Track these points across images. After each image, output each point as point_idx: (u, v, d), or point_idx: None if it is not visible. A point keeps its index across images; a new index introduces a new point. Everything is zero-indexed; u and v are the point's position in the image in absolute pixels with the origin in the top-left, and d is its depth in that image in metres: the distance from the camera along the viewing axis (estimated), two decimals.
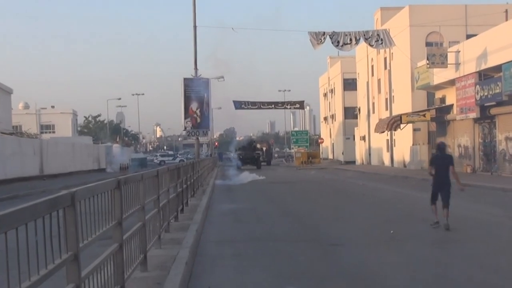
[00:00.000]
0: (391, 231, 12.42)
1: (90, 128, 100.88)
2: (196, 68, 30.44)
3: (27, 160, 38.39)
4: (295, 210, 18.47)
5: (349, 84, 69.33)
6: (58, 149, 44.89)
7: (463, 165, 37.26)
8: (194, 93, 30.19)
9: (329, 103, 78.86)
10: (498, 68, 31.83)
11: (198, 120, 29.95)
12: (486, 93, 33.33)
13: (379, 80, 54.84)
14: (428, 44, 43.11)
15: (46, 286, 3.75)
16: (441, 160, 13.18)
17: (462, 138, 38.22)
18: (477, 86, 34.11)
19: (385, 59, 52.54)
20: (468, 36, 40.09)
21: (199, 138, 30.92)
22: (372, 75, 56.93)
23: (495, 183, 26.17)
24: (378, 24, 53.09)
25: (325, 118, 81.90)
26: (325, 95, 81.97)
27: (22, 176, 36.54)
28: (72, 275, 4.36)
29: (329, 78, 78.46)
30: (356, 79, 64.03)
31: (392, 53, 49.79)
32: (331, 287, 7.86)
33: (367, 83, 58.32)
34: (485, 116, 34.31)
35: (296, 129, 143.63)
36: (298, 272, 8.60)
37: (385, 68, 52.39)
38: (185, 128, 30.14)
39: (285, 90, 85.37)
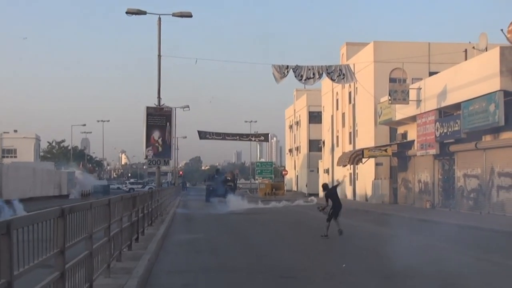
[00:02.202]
0: (343, 265, 12.47)
1: (54, 153, 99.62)
2: (159, 97, 30.43)
3: None
4: (252, 241, 18.48)
5: (315, 117, 69.97)
6: (18, 173, 44.23)
7: (423, 201, 37.75)
8: (156, 122, 30.17)
9: (295, 135, 79.42)
10: (457, 106, 32.54)
11: (160, 149, 29.90)
12: (445, 130, 33.99)
13: (343, 114, 55.48)
14: (392, 80, 43.85)
15: None
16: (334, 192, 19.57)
17: (422, 174, 38.75)
18: (437, 123, 34.77)
19: (349, 93, 53.26)
20: (431, 73, 40.93)
21: (159, 167, 30.81)
22: (337, 108, 57.59)
23: (449, 219, 26.53)
24: (344, 58, 53.91)
25: (290, 150, 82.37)
26: (290, 127, 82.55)
27: None
28: None
29: (295, 110, 79.12)
30: (321, 112, 64.66)
31: (356, 87, 50.50)
32: None
33: (332, 116, 58.93)
34: (445, 153, 34.91)
35: (262, 160, 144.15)
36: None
37: (350, 102, 53.08)
38: (146, 156, 30.07)
39: (251, 121, 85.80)
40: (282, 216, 31.43)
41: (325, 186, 21.31)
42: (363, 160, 41.64)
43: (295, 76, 33.00)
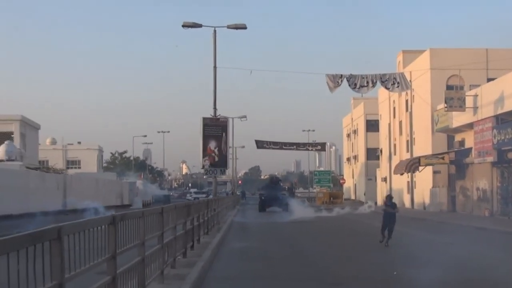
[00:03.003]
0: (394, 273, 12.66)
1: (116, 164, 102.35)
2: (215, 108, 31.19)
3: (50, 194, 39.28)
4: (305, 250, 18.73)
5: (372, 126, 69.68)
6: (81, 184, 45.83)
7: (481, 209, 37.21)
8: (213, 133, 30.92)
9: (352, 144, 79.21)
10: None
11: (216, 159, 30.59)
12: (503, 137, 33.46)
13: (400, 122, 55.15)
14: (448, 87, 43.44)
15: None
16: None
17: (480, 181, 38.20)
18: (494, 130, 34.28)
19: (406, 101, 52.94)
20: (489, 80, 40.30)
21: (216, 176, 31.52)
22: (394, 116, 57.28)
23: (506, 227, 26.21)
24: (401, 66, 53.66)
25: (348, 159, 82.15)
26: (348, 135, 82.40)
27: (45, 210, 37.36)
28: None
29: (352, 119, 79.00)
30: (378, 120, 64.38)
31: (413, 95, 50.20)
32: None
33: (389, 124, 58.64)
34: (503, 160, 34.36)
35: (322, 168, 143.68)
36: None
37: (407, 110, 52.75)
38: (203, 166, 30.82)
39: (309, 130, 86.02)
40: (338, 224, 31.58)
41: (388, 198, 21.23)
42: (420, 168, 41.35)
43: (349, 85, 33.22)
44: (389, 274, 12.54)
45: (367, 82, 33.33)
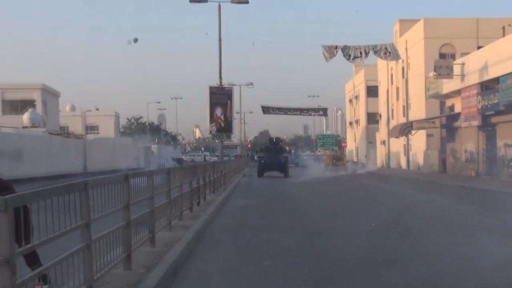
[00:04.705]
0: (373, 224, 14.19)
1: (132, 129, 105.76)
2: (220, 78, 34.25)
3: (71, 158, 42.65)
4: (301, 205, 20.62)
5: (372, 91, 72.36)
6: (100, 148, 49.18)
7: (468, 169, 40.31)
8: (219, 100, 34.06)
9: (354, 109, 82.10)
10: (497, 80, 34.87)
11: (222, 125, 33.72)
12: (486, 103, 36.32)
13: (397, 88, 57.97)
14: (441, 55, 46.13)
15: (66, 243, 5.54)
16: None
17: (468, 144, 41.20)
18: (479, 96, 37.10)
19: (402, 68, 55.66)
20: (479, 48, 42.95)
21: (222, 141, 34.77)
22: (392, 83, 60.08)
23: (484, 185, 29.29)
24: (397, 35, 56.19)
25: (351, 123, 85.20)
26: (350, 101, 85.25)
27: (67, 173, 40.78)
28: (84, 237, 5.97)
29: (354, 85, 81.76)
30: (377, 86, 67.24)
31: (409, 63, 52.94)
32: (300, 264, 9.47)
33: (387, 90, 61.47)
34: (487, 124, 37.28)
35: (328, 132, 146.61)
36: (278, 253, 10.44)
37: (403, 77, 55.51)
38: (210, 131, 34.08)
39: (314, 96, 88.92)
40: (334, 186, 33.92)
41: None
42: (412, 132, 44.35)
43: (344, 56, 36.04)
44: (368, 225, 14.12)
45: (361, 53, 36.14)
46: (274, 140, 45.79)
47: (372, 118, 72.41)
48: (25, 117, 45.81)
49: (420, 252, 10.30)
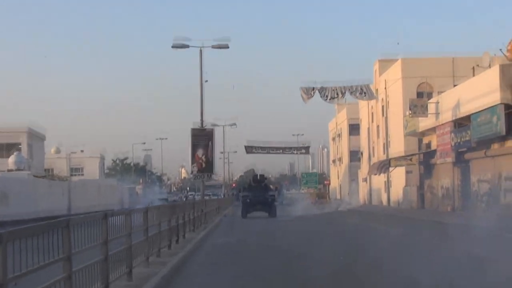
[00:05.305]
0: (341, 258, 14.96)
1: (117, 170, 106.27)
2: (202, 120, 35.37)
3: (56, 200, 43.17)
4: (277, 240, 21.51)
5: (354, 129, 73.85)
6: (84, 189, 49.85)
7: (445, 205, 41.43)
8: (200, 141, 35.13)
9: (337, 146, 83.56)
10: (469, 118, 36.22)
11: (204, 165, 34.73)
12: (459, 140, 37.70)
13: (378, 126, 59.46)
14: (419, 94, 47.73)
15: (47, 275, 6.28)
16: None
17: (444, 180, 42.41)
18: (452, 134, 38.48)
19: (382, 106, 57.20)
20: (455, 86, 44.42)
21: (204, 181, 35.73)
22: (372, 121, 61.61)
23: (454, 219, 30.34)
24: (377, 74, 57.90)
25: (334, 161, 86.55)
26: (333, 139, 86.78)
27: (52, 215, 41.28)
28: (65, 268, 6.66)
29: (336, 123, 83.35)
30: (359, 124, 68.80)
31: (388, 101, 54.49)
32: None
33: (368, 128, 62.97)
34: (461, 160, 38.58)
35: (314, 170, 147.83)
36: (256, 272, 11.89)
37: (383, 115, 57.01)
38: (192, 172, 35.06)
39: (298, 134, 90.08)
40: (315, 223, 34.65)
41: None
42: (390, 169, 45.54)
43: (321, 97, 37.43)
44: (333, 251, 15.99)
45: (337, 93, 37.56)
46: (258, 178, 42.36)
47: (355, 155, 73.73)
48: (11, 160, 46.60)
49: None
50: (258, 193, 39.07)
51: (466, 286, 10.42)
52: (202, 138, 35.48)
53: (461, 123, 38.39)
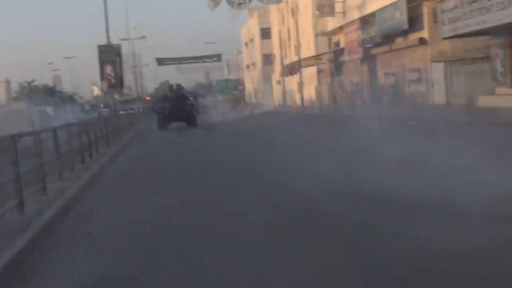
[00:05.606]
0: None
1: (26, 94, 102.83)
2: (108, 36, 34.59)
3: None
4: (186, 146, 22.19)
5: (266, 34, 73.90)
6: None
7: (355, 100, 42.89)
8: (108, 58, 34.53)
9: (250, 52, 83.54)
10: (374, 15, 37.04)
11: (113, 81, 34.34)
12: (366, 37, 38.67)
13: (288, 29, 59.75)
14: None
15: None
16: None
17: (353, 76, 43.71)
18: (359, 31, 39.37)
19: (292, 9, 57.31)
20: None
21: (114, 96, 35.45)
22: (283, 24, 61.81)
23: (366, 112, 31.49)
24: None
25: (248, 66, 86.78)
26: (246, 44, 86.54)
27: None
28: None
29: (248, 28, 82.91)
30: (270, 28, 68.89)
31: (297, 3, 54.62)
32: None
33: (279, 31, 63.20)
34: (368, 56, 39.72)
35: (231, 77, 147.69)
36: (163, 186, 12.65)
37: (293, 17, 57.23)
38: (102, 88, 34.67)
39: (210, 43, 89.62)
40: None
41: None
42: (302, 69, 46.37)
43: (228, 3, 37.09)
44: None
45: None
46: (175, 87, 39.20)
47: (268, 59, 74.10)
48: None
49: None
50: (175, 103, 36.24)
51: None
52: (110, 54, 34.85)
53: (367, 21, 39.20)
